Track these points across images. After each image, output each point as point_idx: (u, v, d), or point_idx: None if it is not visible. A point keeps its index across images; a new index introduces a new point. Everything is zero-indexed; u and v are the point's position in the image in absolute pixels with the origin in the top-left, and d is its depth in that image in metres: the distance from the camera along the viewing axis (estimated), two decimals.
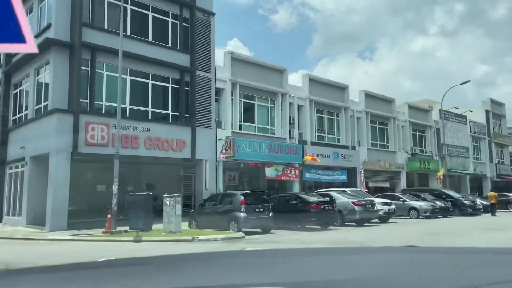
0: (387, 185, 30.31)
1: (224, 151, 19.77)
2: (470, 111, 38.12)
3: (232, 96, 21.61)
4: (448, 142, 36.41)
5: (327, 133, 26.85)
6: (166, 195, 12.81)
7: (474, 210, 23.65)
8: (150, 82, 18.54)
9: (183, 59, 19.50)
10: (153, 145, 17.78)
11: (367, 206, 15.89)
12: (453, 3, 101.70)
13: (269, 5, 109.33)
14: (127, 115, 17.46)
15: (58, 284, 1.09)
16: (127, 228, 13.68)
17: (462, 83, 31.13)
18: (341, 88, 27.82)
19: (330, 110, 27.12)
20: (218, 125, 20.67)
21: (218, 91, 21.40)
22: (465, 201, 23.58)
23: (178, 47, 19.54)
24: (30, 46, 0.99)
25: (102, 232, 13.40)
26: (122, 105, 16.95)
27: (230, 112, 21.33)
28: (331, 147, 25.88)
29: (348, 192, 17.91)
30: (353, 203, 15.59)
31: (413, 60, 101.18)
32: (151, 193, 13.78)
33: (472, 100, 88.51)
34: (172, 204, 12.42)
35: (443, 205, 21.89)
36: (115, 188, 13.33)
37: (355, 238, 12.00)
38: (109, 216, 13.44)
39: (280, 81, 23.93)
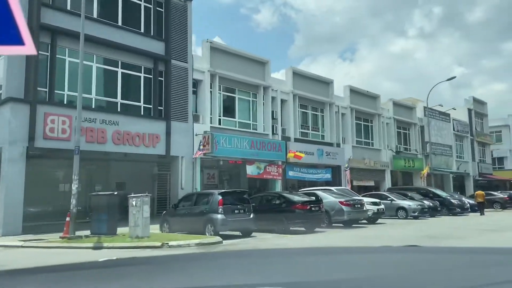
0: (372, 183, 29.39)
1: (201, 147, 18.27)
2: (453, 109, 37.69)
3: (211, 88, 20.12)
4: (432, 140, 35.84)
5: (311, 130, 25.67)
6: (132, 195, 11.24)
7: (462, 210, 22.87)
8: (120, 70, 16.87)
9: (157, 47, 17.90)
10: (122, 140, 16.13)
11: (355, 206, 14.70)
12: (432, 6, 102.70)
13: (252, 4, 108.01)
14: (93, 106, 15.77)
15: (57, 285, 1.08)
16: (88, 232, 12.05)
17: (448, 79, 30.52)
18: (326, 83, 26.69)
19: (315, 106, 25.94)
20: (196, 119, 19.16)
21: (196, 83, 19.88)
22: (453, 201, 22.78)
23: (152, 34, 17.92)
24: (28, 48, 0.99)
25: (60, 238, 11.74)
26: (87, 95, 15.26)
27: (208, 105, 19.84)
28: (315, 144, 24.70)
29: (335, 191, 16.71)
30: (341, 203, 14.36)
31: (392, 62, 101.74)
32: (115, 193, 12.17)
33: (449, 101, 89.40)
34: (139, 205, 10.88)
35: (431, 204, 20.99)
36: (74, 187, 11.68)
37: (347, 242, 10.74)
38: (67, 219, 11.79)
39: (262, 74, 22.58)
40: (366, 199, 16.59)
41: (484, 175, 44.40)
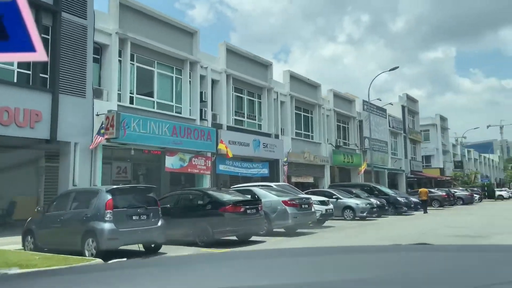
0: (311, 180, 26.81)
1: (103, 131, 13.82)
2: (390, 104, 36.77)
3: (120, 56, 15.69)
4: (370, 136, 34.45)
5: (247, 117, 22.22)
6: None
7: (409, 209, 20.95)
8: None
9: None
10: None
11: (302, 206, 11.42)
12: (360, 14, 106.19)
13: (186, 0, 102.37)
14: None
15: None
16: None
17: (390, 69, 29.01)
18: (264, 66, 23.42)
19: (251, 90, 22.53)
20: (97, 94, 14.64)
21: (100, 48, 15.34)
22: (399, 199, 20.74)
23: None
24: (39, 54, 1.01)
25: None
26: None
27: (116, 78, 15.40)
28: (251, 134, 21.28)
29: (275, 187, 13.34)
30: (285, 202, 10.98)
31: (323, 65, 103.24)
32: None
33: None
34: None
35: (379, 203, 18.64)
36: None
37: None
38: None
39: (190, 46, 18.58)
40: (314, 198, 13.44)
41: (415, 172, 44.65)
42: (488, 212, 22.81)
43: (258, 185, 13.33)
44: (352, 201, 17.45)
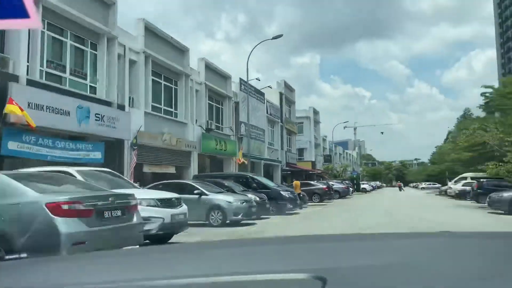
0: (173, 170, 20.54)
1: None
2: (269, 87, 32.72)
3: None
4: (248, 121, 29.78)
5: (71, 73, 14.70)
6: None
7: (294, 206, 16.30)
8: None
9: None
10: None
11: (105, 215, 5.02)
12: (237, 13, 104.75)
13: None
14: None
15: (77, 275, 1.01)
16: None
17: (273, 38, 24.48)
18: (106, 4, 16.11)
19: (80, 34, 15.05)
20: None
21: None
22: (283, 193, 15.88)
23: None
24: (34, 21, 0.97)
25: None
26: None
27: None
28: (74, 96, 13.92)
29: (74, 174, 6.64)
30: (53, 207, 4.45)
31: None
32: None
33: None
34: None
35: (258, 199, 13.42)
36: None
37: None
38: None
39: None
40: (149, 195, 7.21)
41: (291, 164, 42.13)
42: (386, 206, 20.06)
43: (23, 173, 6.39)
44: (221, 198, 11.72)
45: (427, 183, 74.96)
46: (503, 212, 15.00)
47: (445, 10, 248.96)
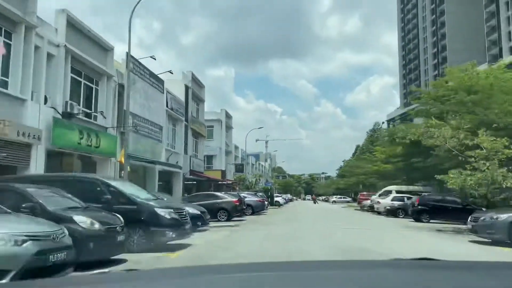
0: None
1: None
2: (170, 72, 25.65)
3: None
4: (136, 112, 22.47)
5: None
6: None
7: (179, 234, 9.47)
8: None
9: None
10: None
11: None
12: (152, 21, 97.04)
13: None
14: None
15: None
16: None
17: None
18: None
19: None
20: None
21: None
22: (160, 212, 8.81)
23: None
24: None
25: None
26: None
27: None
28: None
29: None
30: None
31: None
32: None
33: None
34: None
35: (101, 227, 6.49)
36: None
37: None
38: None
39: None
40: None
41: (196, 172, 35.23)
42: (318, 229, 14.33)
43: None
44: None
45: (338, 196, 74.16)
46: (491, 241, 10.18)
47: (349, 38, 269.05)
